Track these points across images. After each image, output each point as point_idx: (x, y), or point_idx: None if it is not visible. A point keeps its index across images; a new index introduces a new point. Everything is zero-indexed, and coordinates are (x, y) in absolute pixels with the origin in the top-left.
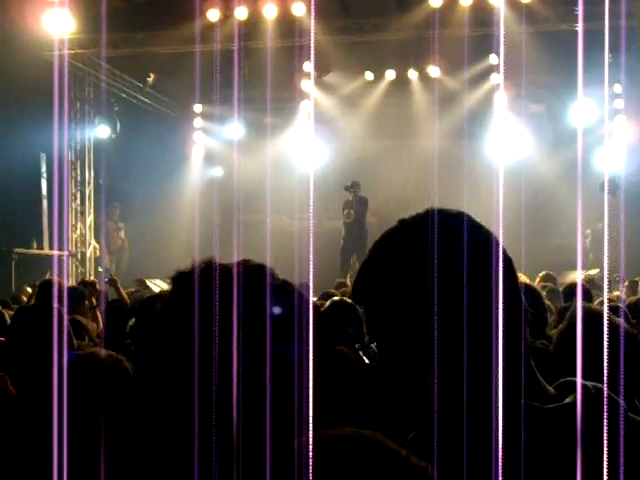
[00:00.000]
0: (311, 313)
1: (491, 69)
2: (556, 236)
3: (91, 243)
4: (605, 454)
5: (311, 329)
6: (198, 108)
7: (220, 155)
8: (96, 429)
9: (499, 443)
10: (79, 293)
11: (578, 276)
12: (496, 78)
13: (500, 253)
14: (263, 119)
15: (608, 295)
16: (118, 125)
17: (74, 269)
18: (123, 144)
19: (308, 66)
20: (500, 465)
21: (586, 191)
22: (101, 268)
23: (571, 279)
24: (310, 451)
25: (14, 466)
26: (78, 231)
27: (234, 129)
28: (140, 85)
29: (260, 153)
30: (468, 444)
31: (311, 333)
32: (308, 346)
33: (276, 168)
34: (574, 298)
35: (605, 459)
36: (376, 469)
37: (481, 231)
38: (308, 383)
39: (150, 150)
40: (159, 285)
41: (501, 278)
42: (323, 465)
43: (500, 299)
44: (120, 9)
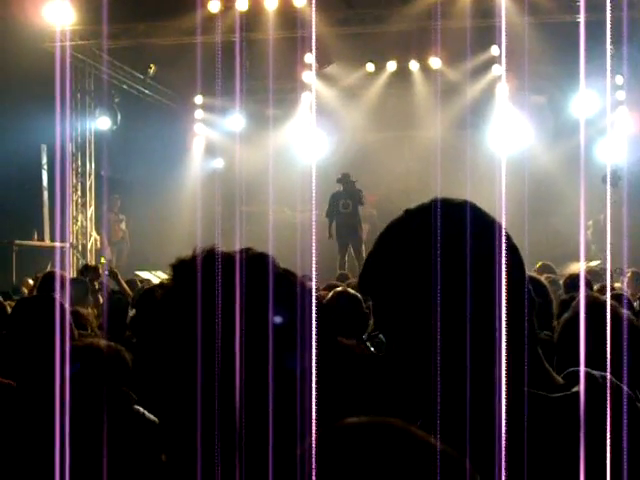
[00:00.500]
0: (314, 302)
1: (493, 60)
2: (557, 227)
3: (92, 235)
4: (608, 442)
5: (314, 318)
6: (199, 99)
7: (221, 147)
8: (98, 421)
9: (502, 431)
10: (82, 284)
11: (581, 267)
12: (498, 69)
13: (503, 240)
14: (264, 111)
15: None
16: (119, 116)
17: (75, 261)
18: (124, 136)
19: (309, 57)
20: (504, 453)
21: (588, 182)
22: (104, 260)
23: (572, 270)
24: (314, 446)
25: (16, 457)
26: (79, 223)
27: (235, 121)
28: (141, 76)
29: (261, 145)
30: (474, 432)
31: (314, 323)
32: (311, 336)
33: (277, 160)
34: (575, 289)
35: (608, 447)
36: (408, 455)
37: (486, 219)
38: (311, 374)
39: (151, 142)
40: (158, 276)
41: (504, 265)
42: (350, 454)
43: (503, 286)
44: (121, 0)
